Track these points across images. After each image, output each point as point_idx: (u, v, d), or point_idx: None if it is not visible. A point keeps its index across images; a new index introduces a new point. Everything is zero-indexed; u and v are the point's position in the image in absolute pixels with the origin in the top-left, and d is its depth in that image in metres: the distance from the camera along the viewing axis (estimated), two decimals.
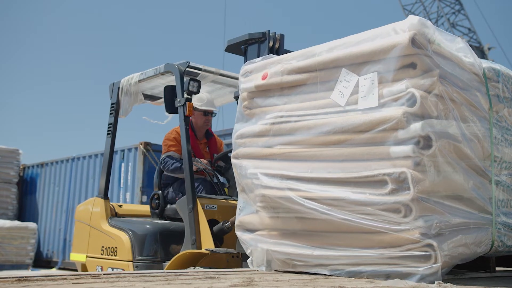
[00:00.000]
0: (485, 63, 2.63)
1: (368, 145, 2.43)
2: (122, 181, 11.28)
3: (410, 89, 2.32)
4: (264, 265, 2.79)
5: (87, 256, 4.70)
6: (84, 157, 12.57)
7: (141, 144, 10.77)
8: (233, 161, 2.97)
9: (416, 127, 2.28)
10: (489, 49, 27.69)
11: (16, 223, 12.51)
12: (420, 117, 2.30)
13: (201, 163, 4.33)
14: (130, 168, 11.14)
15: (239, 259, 3.69)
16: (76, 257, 4.86)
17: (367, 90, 2.45)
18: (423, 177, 2.27)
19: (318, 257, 2.57)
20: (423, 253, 2.25)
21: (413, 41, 2.31)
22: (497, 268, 2.85)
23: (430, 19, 20.68)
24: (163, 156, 4.47)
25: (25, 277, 2.16)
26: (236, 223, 2.97)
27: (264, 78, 2.87)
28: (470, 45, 2.74)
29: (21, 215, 14.09)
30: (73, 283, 2.03)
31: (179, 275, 2.50)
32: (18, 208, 14.11)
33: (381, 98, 2.40)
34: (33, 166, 14.30)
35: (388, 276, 2.34)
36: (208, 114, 4.64)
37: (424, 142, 2.29)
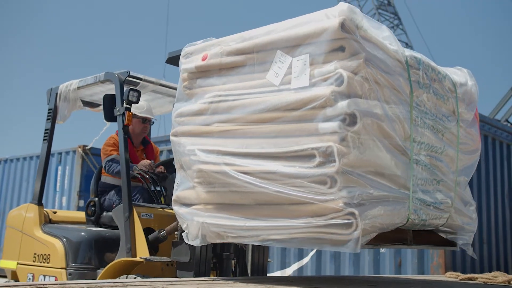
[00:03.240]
0: (407, 52, 2.87)
1: (298, 122, 2.60)
2: (58, 184, 11.03)
3: (338, 70, 2.51)
4: (199, 239, 2.89)
5: (18, 263, 4.61)
6: (18, 159, 12.21)
7: (79, 147, 10.59)
8: (172, 138, 3.07)
9: (342, 105, 2.47)
10: None
11: None
12: (347, 96, 2.49)
13: (143, 165, 4.37)
14: (68, 172, 10.92)
15: (173, 267, 3.74)
16: (6, 264, 4.75)
17: (300, 70, 2.63)
18: (348, 151, 2.46)
19: (250, 228, 2.70)
20: (346, 221, 2.43)
21: (342, 26, 2.51)
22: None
23: None
24: (107, 159, 4.45)
25: None
26: (173, 198, 3.05)
27: (204, 59, 3.00)
28: None
29: None
30: None
31: (127, 285, 2.52)
32: None
33: (312, 78, 2.58)
34: None
35: (313, 243, 2.51)
36: (146, 121, 4.67)
37: (350, 119, 2.48)
